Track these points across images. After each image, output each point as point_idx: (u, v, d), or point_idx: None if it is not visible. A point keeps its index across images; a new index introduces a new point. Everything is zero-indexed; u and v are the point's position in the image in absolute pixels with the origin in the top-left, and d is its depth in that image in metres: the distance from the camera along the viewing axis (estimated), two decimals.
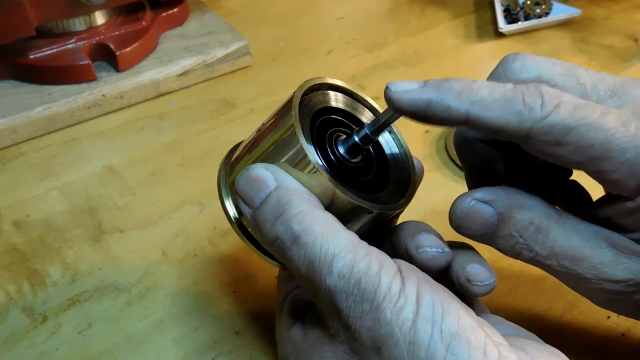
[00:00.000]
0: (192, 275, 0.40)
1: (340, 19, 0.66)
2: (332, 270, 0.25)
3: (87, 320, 0.37)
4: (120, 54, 0.54)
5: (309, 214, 0.26)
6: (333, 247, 0.25)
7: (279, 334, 0.31)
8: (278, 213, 0.26)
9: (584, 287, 0.29)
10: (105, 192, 0.46)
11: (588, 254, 0.27)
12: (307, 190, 0.27)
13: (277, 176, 0.27)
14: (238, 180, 0.28)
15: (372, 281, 0.24)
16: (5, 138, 0.50)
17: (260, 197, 0.27)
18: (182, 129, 0.52)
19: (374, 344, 0.24)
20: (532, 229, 0.28)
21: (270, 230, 0.26)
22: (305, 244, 0.25)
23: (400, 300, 0.24)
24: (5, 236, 0.43)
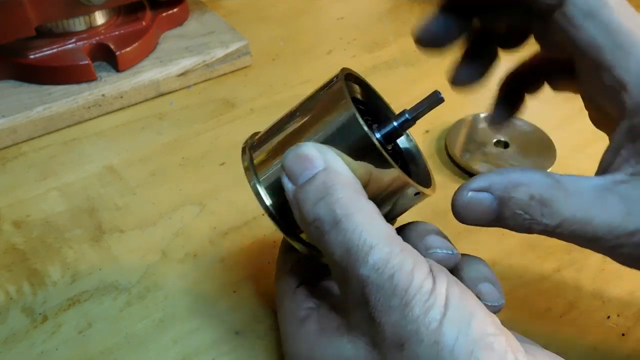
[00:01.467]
0: (192, 275, 0.40)
1: (340, 19, 0.66)
2: (368, 260, 0.25)
3: (87, 320, 0.37)
4: (120, 54, 0.54)
5: (353, 201, 0.26)
6: (371, 238, 0.25)
7: (287, 329, 0.30)
8: (322, 194, 0.26)
9: (604, 247, 0.28)
10: (105, 192, 0.46)
11: (596, 213, 0.27)
12: (353, 176, 0.27)
13: (326, 157, 0.27)
14: (287, 155, 0.28)
15: (405, 278, 0.24)
16: (5, 138, 0.50)
17: (306, 175, 0.27)
18: (182, 129, 0.52)
19: (397, 339, 0.24)
20: (535, 203, 0.27)
21: (311, 210, 0.26)
22: (344, 229, 0.25)
23: (429, 300, 0.24)
24: (5, 236, 0.43)
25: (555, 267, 0.40)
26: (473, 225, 0.29)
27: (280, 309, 0.32)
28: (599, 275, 0.39)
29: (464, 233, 0.42)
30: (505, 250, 0.41)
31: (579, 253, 0.41)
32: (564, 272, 0.40)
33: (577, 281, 0.39)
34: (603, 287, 0.39)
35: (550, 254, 0.41)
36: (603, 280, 0.39)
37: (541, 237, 0.42)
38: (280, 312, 0.31)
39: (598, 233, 0.27)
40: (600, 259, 0.40)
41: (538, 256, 0.41)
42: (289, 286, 0.32)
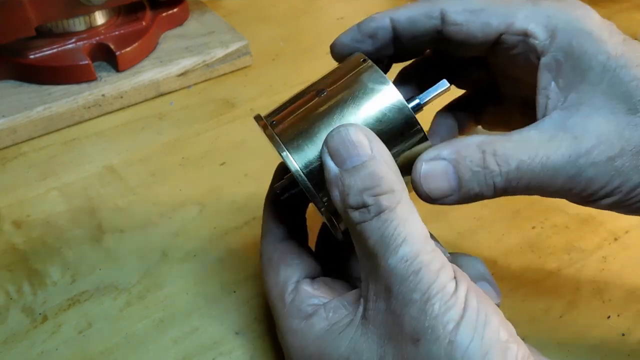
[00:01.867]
0: (192, 275, 0.40)
1: (340, 19, 0.66)
2: (398, 251, 0.26)
3: (87, 320, 0.37)
4: (120, 54, 0.54)
5: (398, 195, 0.27)
6: (406, 232, 0.26)
7: (290, 324, 0.30)
8: (371, 185, 0.26)
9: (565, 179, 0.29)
10: (105, 192, 0.46)
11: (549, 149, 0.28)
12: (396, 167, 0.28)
13: (373, 145, 0.27)
14: (333, 136, 0.28)
15: (430, 275, 0.25)
16: (5, 138, 0.50)
17: (353, 161, 0.27)
18: (182, 129, 0.52)
19: (413, 333, 0.25)
20: (488, 156, 0.28)
21: (359, 197, 0.26)
22: (385, 219, 0.26)
23: (450, 301, 0.25)
24: (5, 236, 0.43)
25: (555, 267, 0.40)
26: (440, 203, 0.29)
27: (278, 303, 0.31)
28: (599, 275, 0.39)
29: (464, 233, 0.42)
30: (505, 250, 0.41)
31: (579, 253, 0.41)
32: (564, 272, 0.40)
33: (577, 281, 0.39)
34: (603, 287, 0.39)
35: (550, 254, 0.41)
36: (603, 280, 0.39)
37: (541, 237, 0.42)
38: (279, 307, 0.31)
39: (557, 166, 0.28)
40: (600, 259, 0.40)
41: (538, 256, 0.41)
42: (289, 280, 0.31)
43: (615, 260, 0.40)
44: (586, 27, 0.29)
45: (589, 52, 0.29)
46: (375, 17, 0.33)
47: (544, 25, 0.30)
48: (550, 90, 0.30)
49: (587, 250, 0.41)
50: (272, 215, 0.34)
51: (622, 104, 0.28)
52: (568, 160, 0.28)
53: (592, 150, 0.28)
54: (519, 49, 0.31)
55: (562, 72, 0.29)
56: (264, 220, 0.34)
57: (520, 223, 0.43)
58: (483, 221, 0.43)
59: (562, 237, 0.42)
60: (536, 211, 0.44)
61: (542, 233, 0.42)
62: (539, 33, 0.30)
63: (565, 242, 0.42)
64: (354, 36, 0.33)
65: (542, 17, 0.30)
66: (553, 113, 0.29)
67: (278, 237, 0.33)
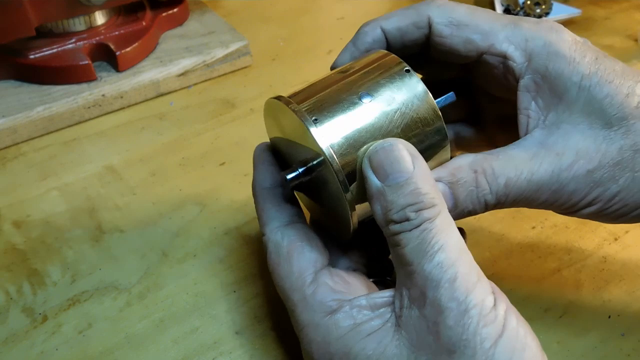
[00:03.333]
0: (192, 275, 0.40)
1: (340, 19, 0.66)
2: (434, 258, 0.26)
3: (87, 320, 0.37)
4: (120, 54, 0.54)
5: (438, 208, 0.27)
6: (443, 241, 0.27)
7: (311, 317, 0.29)
8: (413, 200, 0.27)
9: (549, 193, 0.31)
10: (105, 192, 0.46)
11: (533, 166, 0.30)
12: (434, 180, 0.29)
13: (415, 162, 0.28)
14: (377, 151, 0.28)
15: (467, 285, 0.26)
16: (5, 138, 0.50)
17: (396, 178, 0.28)
18: (182, 129, 0.52)
19: (449, 345, 0.25)
20: (479, 175, 0.30)
21: (402, 212, 0.27)
22: (423, 228, 0.27)
23: (489, 316, 0.25)
24: (5, 236, 0.43)
25: (555, 267, 0.40)
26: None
27: (295, 294, 0.30)
28: (599, 275, 0.39)
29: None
30: (505, 250, 0.41)
31: (579, 253, 0.41)
32: (564, 272, 0.40)
33: (577, 281, 0.39)
34: (603, 287, 0.39)
35: (550, 254, 0.41)
36: (603, 280, 0.39)
37: (541, 237, 0.42)
38: (297, 298, 0.30)
39: (541, 182, 0.30)
40: (600, 259, 0.40)
41: (538, 256, 0.41)
42: (305, 270, 0.30)
43: (615, 260, 0.40)
44: (560, 50, 0.31)
45: (564, 74, 0.31)
46: (367, 31, 0.34)
47: (522, 49, 0.32)
48: (530, 110, 0.32)
49: (587, 250, 0.41)
50: (271, 201, 0.33)
51: (599, 120, 0.30)
52: (551, 176, 0.30)
53: (572, 165, 0.30)
54: (499, 70, 0.33)
55: (540, 93, 0.31)
56: (262, 208, 0.33)
57: (520, 223, 0.43)
58: (483, 221, 0.43)
59: (562, 237, 0.42)
60: (536, 211, 0.44)
61: (542, 233, 0.42)
62: (516, 57, 0.32)
63: (565, 242, 0.42)
64: (352, 54, 0.34)
65: (521, 40, 0.32)
66: (534, 131, 0.31)
67: (283, 221, 0.32)
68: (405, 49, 0.34)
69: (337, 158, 0.29)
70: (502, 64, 0.32)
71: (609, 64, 0.31)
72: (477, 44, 0.32)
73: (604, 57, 0.31)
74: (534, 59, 0.32)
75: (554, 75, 0.31)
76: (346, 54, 0.34)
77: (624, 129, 0.30)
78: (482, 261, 0.41)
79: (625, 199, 0.31)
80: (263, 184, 0.33)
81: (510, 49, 0.32)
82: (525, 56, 0.32)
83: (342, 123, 0.29)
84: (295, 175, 0.31)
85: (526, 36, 0.32)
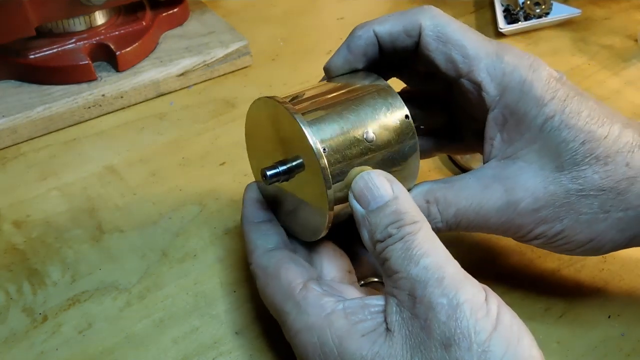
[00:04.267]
0: (192, 275, 0.40)
1: (340, 19, 0.66)
2: (419, 262, 0.27)
3: (87, 320, 0.37)
4: (120, 54, 0.54)
5: (418, 223, 0.28)
6: (427, 248, 0.28)
7: (307, 319, 0.29)
8: (395, 219, 0.28)
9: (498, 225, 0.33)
10: (105, 192, 0.46)
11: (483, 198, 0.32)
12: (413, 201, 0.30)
13: (394, 186, 0.30)
14: (357, 181, 0.30)
15: (455, 283, 0.26)
16: (5, 138, 0.50)
17: (377, 202, 0.29)
18: (182, 129, 0.52)
19: (444, 339, 0.25)
20: (431, 205, 0.33)
21: (384, 232, 0.28)
22: (407, 240, 0.28)
23: (481, 310, 0.26)
24: (5, 236, 0.43)
25: (555, 267, 0.40)
26: None
27: (286, 304, 0.30)
28: (599, 275, 0.39)
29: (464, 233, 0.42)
30: (505, 250, 0.41)
31: None
32: (563, 272, 0.40)
33: (577, 281, 0.39)
34: (603, 287, 0.39)
35: (550, 254, 0.41)
36: (603, 280, 0.39)
37: None
38: (289, 306, 0.30)
39: (489, 214, 0.32)
40: (600, 259, 0.40)
41: (538, 256, 0.41)
42: (293, 281, 0.31)
43: (615, 260, 0.40)
44: (532, 89, 0.32)
45: (530, 114, 0.32)
46: (360, 35, 0.34)
47: (497, 82, 0.33)
48: (495, 141, 0.33)
49: None
50: (257, 233, 0.34)
51: (551, 162, 0.32)
52: (498, 209, 0.32)
53: (519, 202, 0.32)
54: (473, 95, 0.34)
55: (506, 127, 0.33)
56: (248, 240, 0.34)
57: None
58: None
59: None
60: None
61: None
62: (490, 89, 0.33)
63: None
64: (346, 57, 0.35)
65: (499, 73, 0.33)
66: (492, 162, 0.33)
67: (267, 248, 0.33)
68: (395, 54, 0.35)
69: (324, 155, 0.30)
70: (476, 91, 0.34)
71: (576, 106, 0.32)
72: (458, 65, 0.33)
73: (575, 96, 0.32)
74: (506, 94, 0.33)
75: (521, 114, 0.32)
76: (339, 57, 0.35)
77: (574, 173, 0.31)
78: (482, 261, 0.41)
79: (569, 237, 0.33)
80: (251, 219, 0.35)
81: (486, 80, 0.33)
82: (499, 90, 0.33)
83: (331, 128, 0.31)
84: (275, 172, 0.32)
85: (505, 70, 0.33)
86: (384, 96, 0.33)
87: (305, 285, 0.30)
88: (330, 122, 0.31)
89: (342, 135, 0.31)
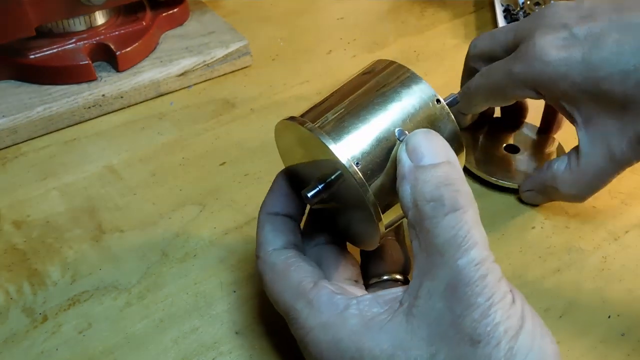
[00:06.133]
0: (192, 275, 0.40)
1: (340, 19, 0.66)
2: (470, 253, 0.26)
3: (87, 320, 0.37)
4: (120, 54, 0.54)
5: (471, 198, 0.27)
6: (477, 237, 0.26)
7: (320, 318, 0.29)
8: (448, 182, 0.27)
9: None
10: (105, 192, 0.46)
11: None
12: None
13: (449, 154, 0.28)
14: (416, 133, 0.29)
15: (494, 283, 0.26)
16: (5, 138, 0.50)
17: (430, 159, 0.28)
18: (182, 129, 0.52)
19: (473, 336, 0.25)
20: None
21: (434, 191, 0.27)
22: (459, 218, 0.26)
23: (510, 310, 0.26)
24: (5, 236, 0.43)
25: (555, 267, 0.40)
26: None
27: (297, 302, 0.30)
28: (599, 275, 0.39)
29: None
30: (505, 250, 0.41)
31: (579, 253, 0.41)
32: (564, 272, 0.40)
33: (577, 281, 0.39)
34: (603, 287, 0.39)
35: (550, 254, 0.41)
36: (603, 280, 0.39)
37: (541, 237, 0.42)
38: (300, 305, 0.30)
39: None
40: (600, 259, 0.40)
41: (538, 256, 0.41)
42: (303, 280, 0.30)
43: (615, 260, 0.40)
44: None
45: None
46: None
47: None
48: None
49: (587, 250, 0.41)
50: (271, 226, 0.33)
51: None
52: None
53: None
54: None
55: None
56: (261, 230, 0.33)
57: (520, 223, 0.43)
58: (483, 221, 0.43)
59: (562, 237, 0.42)
60: (536, 211, 0.44)
61: (542, 233, 0.42)
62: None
63: (565, 242, 0.42)
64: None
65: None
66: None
67: (277, 246, 0.33)
68: None
69: (358, 170, 0.29)
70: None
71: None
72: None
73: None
74: None
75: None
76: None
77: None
78: None
79: None
80: (269, 209, 0.34)
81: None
82: None
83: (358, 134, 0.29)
84: (315, 191, 0.31)
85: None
86: (407, 85, 0.31)
87: (317, 284, 0.30)
88: (356, 131, 0.29)
89: (372, 143, 0.29)
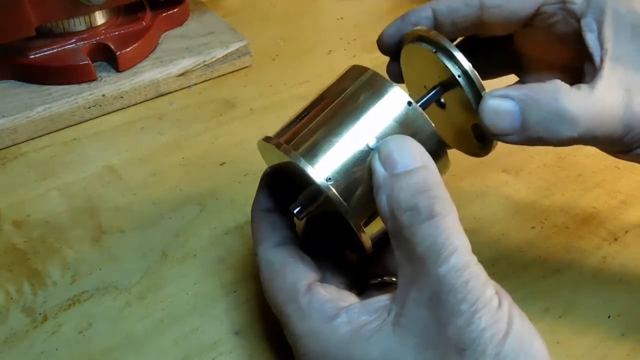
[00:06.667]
0: (192, 275, 0.40)
1: (340, 19, 0.66)
2: (450, 260, 0.26)
3: (87, 320, 0.37)
4: (120, 54, 0.54)
5: (449, 204, 0.27)
6: (457, 243, 0.26)
7: (309, 326, 0.29)
8: (424, 188, 0.27)
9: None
10: (105, 192, 0.46)
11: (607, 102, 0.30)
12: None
13: (424, 157, 0.28)
14: (387, 141, 0.28)
15: (478, 288, 0.26)
16: (5, 138, 0.50)
17: (407, 165, 0.27)
18: (182, 129, 0.52)
19: (459, 343, 0.25)
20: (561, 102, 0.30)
21: (410, 199, 0.27)
22: (436, 226, 0.26)
23: (496, 315, 0.25)
24: (5, 236, 0.43)
25: (555, 267, 0.40)
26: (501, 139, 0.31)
27: (289, 306, 0.30)
28: (599, 275, 0.39)
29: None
30: (505, 250, 0.41)
31: (579, 253, 0.41)
32: (564, 272, 0.40)
33: (577, 281, 0.39)
34: (603, 287, 0.39)
35: (550, 254, 0.41)
36: (603, 280, 0.39)
37: (541, 237, 0.42)
38: (292, 309, 0.30)
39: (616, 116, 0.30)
40: (600, 259, 0.40)
41: (538, 256, 0.41)
42: (298, 282, 0.30)
43: (615, 260, 0.40)
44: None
45: (621, 12, 0.31)
46: (417, 8, 0.35)
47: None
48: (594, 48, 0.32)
49: (587, 250, 0.41)
50: (266, 223, 0.33)
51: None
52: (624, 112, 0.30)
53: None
54: (557, 17, 0.33)
55: (602, 31, 0.32)
56: (256, 228, 0.33)
57: (520, 223, 0.43)
58: (483, 221, 0.43)
59: (562, 237, 0.42)
60: (536, 211, 0.44)
61: (542, 233, 0.42)
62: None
63: (565, 242, 0.42)
64: (399, 26, 0.35)
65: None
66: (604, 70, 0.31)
67: (275, 242, 0.32)
68: (454, 28, 0.35)
69: (334, 188, 0.29)
70: (560, 9, 0.33)
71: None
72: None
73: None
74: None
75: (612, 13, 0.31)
76: (393, 26, 0.36)
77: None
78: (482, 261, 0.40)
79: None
80: (261, 206, 0.34)
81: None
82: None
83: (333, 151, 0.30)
84: (301, 207, 0.31)
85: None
86: (379, 92, 0.31)
87: (310, 288, 0.30)
88: (331, 147, 0.30)
89: (347, 156, 0.29)
